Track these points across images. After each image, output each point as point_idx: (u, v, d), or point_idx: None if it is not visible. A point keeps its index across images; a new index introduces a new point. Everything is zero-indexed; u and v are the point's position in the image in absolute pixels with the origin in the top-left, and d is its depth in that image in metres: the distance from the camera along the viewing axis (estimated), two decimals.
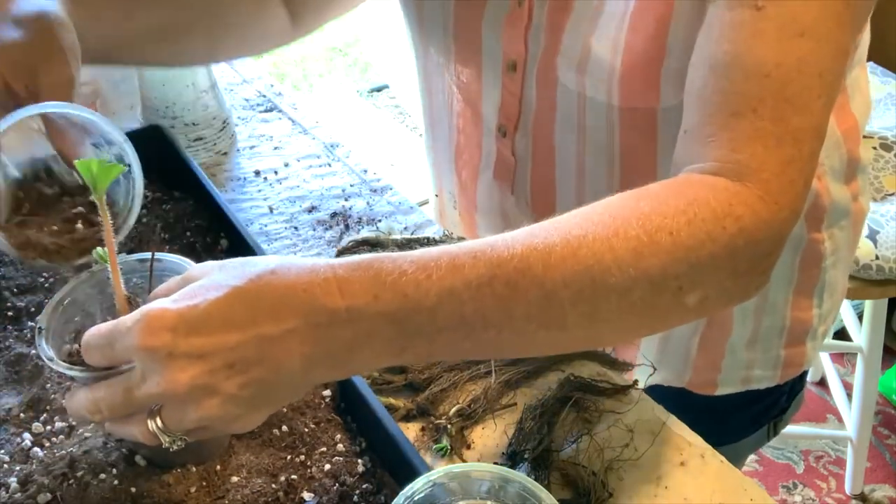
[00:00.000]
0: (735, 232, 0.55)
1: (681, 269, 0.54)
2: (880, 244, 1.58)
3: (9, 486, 0.61)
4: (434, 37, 0.85)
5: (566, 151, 0.80)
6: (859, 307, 1.94)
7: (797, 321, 0.90)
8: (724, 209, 0.55)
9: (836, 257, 0.88)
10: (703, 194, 0.56)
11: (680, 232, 0.54)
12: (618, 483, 0.66)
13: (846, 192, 0.86)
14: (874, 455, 1.99)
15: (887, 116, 1.78)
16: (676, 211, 0.54)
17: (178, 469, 0.61)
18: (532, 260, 0.52)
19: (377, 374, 0.73)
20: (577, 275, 0.52)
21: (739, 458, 1.11)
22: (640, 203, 0.55)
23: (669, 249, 0.53)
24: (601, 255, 0.52)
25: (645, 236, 0.53)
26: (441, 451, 0.67)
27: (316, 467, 0.63)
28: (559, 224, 0.54)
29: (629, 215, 0.54)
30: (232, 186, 1.02)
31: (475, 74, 0.83)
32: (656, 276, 0.53)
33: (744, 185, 0.56)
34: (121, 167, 0.56)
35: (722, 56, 0.59)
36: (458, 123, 0.91)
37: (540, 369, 0.74)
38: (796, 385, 1.00)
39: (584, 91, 0.73)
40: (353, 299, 0.49)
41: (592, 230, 0.53)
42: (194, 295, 0.49)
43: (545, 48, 0.75)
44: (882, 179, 1.70)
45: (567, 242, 0.53)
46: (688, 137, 0.61)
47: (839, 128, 0.83)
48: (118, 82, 1.13)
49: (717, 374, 0.93)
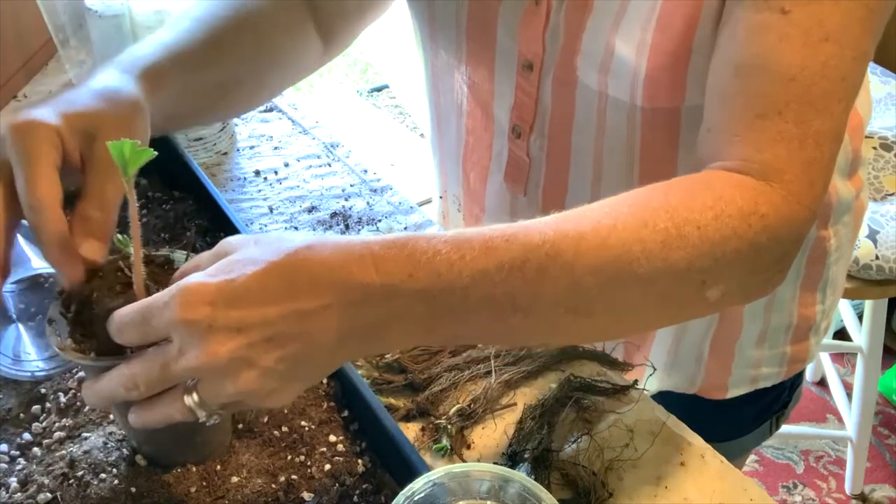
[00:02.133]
0: (759, 229, 0.56)
1: (706, 263, 0.55)
2: (880, 244, 1.58)
3: (9, 486, 0.61)
4: (445, 36, 0.84)
5: (582, 152, 0.80)
6: (859, 307, 1.94)
7: (803, 317, 0.91)
8: (750, 207, 0.56)
9: (839, 253, 0.89)
10: (730, 191, 0.57)
11: (707, 227, 0.55)
12: (618, 483, 0.66)
13: (850, 188, 0.87)
14: (874, 455, 1.99)
15: (887, 116, 1.79)
16: (704, 206, 0.56)
17: (178, 469, 0.61)
18: (563, 246, 0.53)
19: (377, 374, 0.73)
20: (605, 263, 0.53)
21: (743, 453, 1.11)
22: (669, 196, 0.57)
23: (696, 244, 0.55)
24: (630, 245, 0.54)
25: (673, 229, 0.55)
26: (441, 451, 0.67)
27: (316, 467, 0.63)
28: (590, 212, 0.56)
29: (658, 207, 0.56)
30: (232, 186, 1.02)
31: (488, 74, 0.83)
32: (682, 269, 0.55)
33: (768, 185, 0.58)
34: (151, 151, 0.55)
35: (749, 59, 0.60)
36: (467, 124, 0.90)
37: (540, 369, 0.74)
38: (796, 379, 1.01)
39: (606, 91, 0.73)
40: (388, 277, 0.50)
41: (622, 220, 0.55)
42: (231, 269, 0.50)
43: (563, 47, 0.75)
44: (882, 179, 1.70)
45: (597, 231, 0.54)
46: (711, 136, 0.63)
47: (847, 126, 0.83)
48: None
49: (727, 377, 0.93)
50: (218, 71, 0.75)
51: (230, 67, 0.76)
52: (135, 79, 0.66)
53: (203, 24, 0.74)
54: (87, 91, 0.64)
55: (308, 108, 1.18)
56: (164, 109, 0.68)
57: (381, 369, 0.74)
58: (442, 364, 0.74)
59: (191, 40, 0.72)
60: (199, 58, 0.72)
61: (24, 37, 1.23)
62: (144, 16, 1.03)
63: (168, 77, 0.69)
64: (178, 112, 0.72)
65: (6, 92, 1.19)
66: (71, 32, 1.22)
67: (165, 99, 0.68)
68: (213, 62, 0.74)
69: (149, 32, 1.01)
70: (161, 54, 0.70)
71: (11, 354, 0.72)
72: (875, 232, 1.59)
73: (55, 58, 1.28)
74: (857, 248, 1.59)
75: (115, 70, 0.67)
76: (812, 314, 0.92)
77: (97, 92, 0.64)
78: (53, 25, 1.20)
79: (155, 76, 0.68)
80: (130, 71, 0.67)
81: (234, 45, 0.75)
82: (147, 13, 1.03)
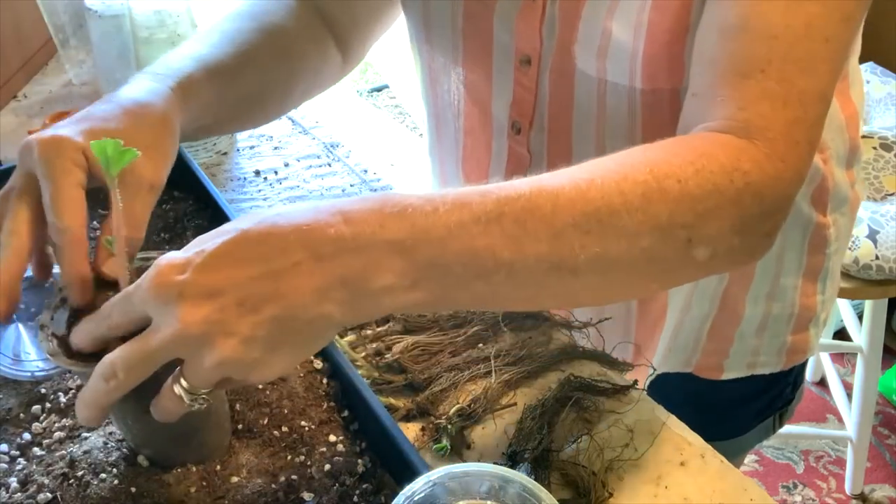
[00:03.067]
0: (742, 186, 0.56)
1: (688, 218, 0.55)
2: (880, 244, 1.58)
3: (9, 486, 0.61)
4: (441, 37, 0.84)
5: (584, 142, 0.80)
6: (859, 307, 1.94)
7: (804, 307, 0.92)
8: (731, 163, 0.56)
9: (838, 244, 0.90)
10: (712, 148, 0.57)
11: (688, 181, 0.55)
12: (618, 483, 0.66)
13: (847, 179, 0.88)
14: (874, 455, 1.99)
15: (887, 116, 1.79)
16: (685, 161, 0.55)
17: (178, 469, 0.61)
18: (541, 200, 0.52)
19: (377, 374, 0.73)
20: (586, 215, 0.53)
21: (745, 451, 1.12)
22: (648, 152, 0.57)
23: (677, 197, 0.54)
24: (610, 197, 0.53)
25: (654, 182, 0.54)
26: (441, 451, 0.67)
27: (316, 467, 0.63)
28: (567, 172, 0.55)
29: (638, 162, 0.55)
30: (232, 186, 1.02)
31: (485, 73, 0.83)
32: (664, 223, 0.54)
33: (751, 142, 0.57)
34: (135, 151, 0.55)
35: (732, 19, 0.60)
36: (464, 126, 0.90)
37: (540, 369, 0.74)
38: (798, 376, 1.01)
39: (605, 76, 0.73)
40: (358, 227, 0.50)
41: (601, 175, 0.54)
42: (203, 242, 0.50)
43: (560, 38, 0.75)
44: (882, 179, 1.70)
45: (575, 185, 0.54)
46: (696, 100, 0.62)
47: (843, 112, 0.84)
48: (118, 82, 1.12)
49: (724, 359, 0.94)
50: (246, 83, 0.77)
51: (258, 80, 0.78)
52: (169, 89, 0.68)
53: (232, 39, 0.76)
54: (115, 106, 0.65)
55: (308, 108, 1.18)
56: (195, 119, 0.70)
57: (381, 369, 0.74)
58: (442, 364, 0.74)
59: (221, 54, 0.75)
60: (230, 70, 0.74)
61: (24, 37, 1.23)
62: (144, 16, 1.03)
63: (200, 88, 0.71)
64: (207, 121, 0.74)
65: (6, 92, 1.19)
66: (71, 32, 1.23)
67: (197, 109, 0.70)
68: (242, 75, 0.76)
69: (149, 32, 1.02)
70: (195, 66, 0.72)
71: (11, 354, 0.72)
72: (875, 232, 1.59)
73: (55, 58, 1.28)
74: (858, 248, 1.59)
75: (149, 79, 0.69)
76: (813, 304, 0.92)
77: (125, 107, 0.65)
78: (53, 25, 1.20)
79: (188, 87, 0.70)
80: (165, 81, 0.69)
81: (261, 59, 0.78)
82: (147, 13, 1.03)
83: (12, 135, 1.12)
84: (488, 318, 0.78)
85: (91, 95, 1.20)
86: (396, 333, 0.77)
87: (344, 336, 0.77)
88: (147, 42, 1.03)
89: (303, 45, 0.83)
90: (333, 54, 0.87)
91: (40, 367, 0.71)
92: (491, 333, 0.77)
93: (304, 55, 0.83)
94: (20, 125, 1.15)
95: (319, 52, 0.85)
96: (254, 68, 0.77)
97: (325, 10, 0.86)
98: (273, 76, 0.80)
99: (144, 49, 1.04)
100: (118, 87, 1.16)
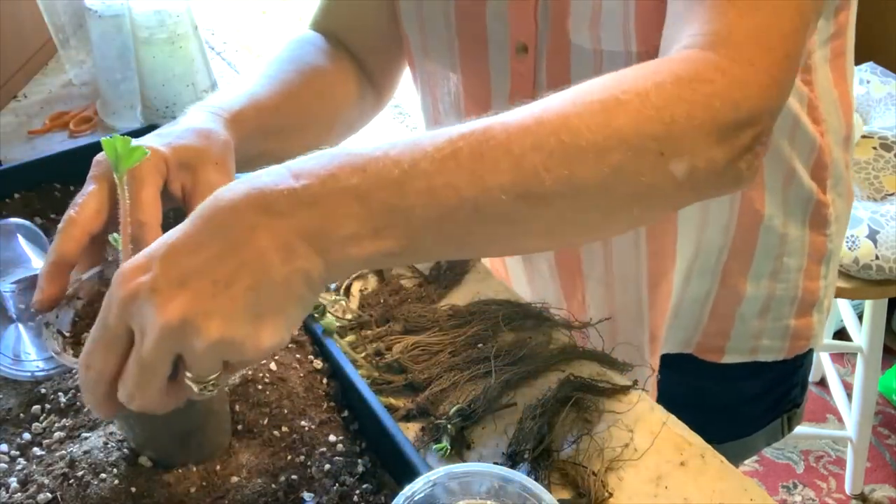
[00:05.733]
0: (708, 93, 0.53)
1: (655, 128, 0.52)
2: (880, 244, 1.58)
3: (9, 486, 0.61)
4: (436, 39, 0.85)
5: None
6: (859, 307, 1.94)
7: (808, 290, 0.92)
8: (690, 74, 0.54)
9: (837, 226, 0.90)
10: (669, 64, 0.55)
11: (648, 94, 0.53)
12: (618, 483, 0.66)
13: (843, 159, 0.88)
14: (874, 455, 2.00)
15: (887, 116, 1.78)
16: (640, 77, 0.54)
17: (178, 469, 0.61)
18: (494, 131, 0.51)
19: (377, 374, 0.73)
20: (543, 137, 0.51)
21: (753, 451, 1.11)
22: (603, 80, 0.55)
23: (639, 108, 0.52)
24: (566, 117, 0.52)
25: (610, 98, 0.52)
26: (441, 451, 0.67)
27: (316, 467, 0.63)
28: (520, 108, 0.54)
29: (592, 85, 0.54)
30: None
31: (482, 68, 0.84)
32: (631, 136, 0.52)
33: (715, 52, 0.55)
34: (144, 149, 0.57)
35: None
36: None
37: (540, 369, 0.74)
38: (805, 378, 1.01)
39: (600, 46, 0.73)
40: (309, 180, 0.49)
41: (555, 101, 0.53)
42: (161, 240, 0.50)
43: (554, 19, 0.75)
44: (882, 179, 1.70)
45: (529, 113, 0.52)
46: (668, 27, 0.61)
47: (836, 88, 0.84)
48: (118, 82, 1.13)
49: (725, 342, 0.94)
50: (288, 119, 0.82)
51: (298, 116, 0.83)
52: (224, 121, 0.73)
53: (276, 80, 0.82)
54: (187, 129, 0.69)
55: None
56: (243, 150, 0.74)
57: (381, 369, 0.74)
58: (442, 364, 0.74)
59: (266, 92, 0.80)
60: (274, 106, 0.80)
61: (24, 37, 1.23)
62: (144, 16, 1.03)
63: (248, 121, 0.76)
64: (252, 153, 0.77)
65: (6, 92, 1.19)
66: (71, 32, 1.23)
67: (246, 141, 0.74)
68: (285, 111, 0.81)
69: (149, 32, 1.02)
70: (244, 102, 0.77)
71: (11, 354, 0.72)
72: (875, 232, 1.59)
73: (55, 58, 1.28)
74: (858, 248, 1.59)
75: (207, 112, 0.73)
76: (816, 288, 0.92)
77: (197, 130, 0.70)
78: (53, 25, 1.20)
79: (240, 121, 0.74)
80: (220, 114, 0.74)
81: (302, 98, 0.83)
82: (147, 13, 1.03)
83: (12, 135, 1.12)
84: (488, 318, 0.78)
85: (91, 95, 1.20)
86: (396, 333, 0.77)
87: (344, 336, 0.77)
88: (147, 42, 1.03)
89: (336, 79, 0.89)
90: (365, 86, 0.93)
91: (40, 367, 0.71)
92: (491, 333, 0.77)
93: (338, 89, 0.89)
94: (20, 125, 1.15)
95: (351, 84, 0.91)
96: (295, 106, 0.82)
97: (348, 45, 0.92)
98: (313, 113, 0.85)
99: (144, 49, 1.04)
100: (118, 86, 1.16)
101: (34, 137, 1.12)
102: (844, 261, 1.59)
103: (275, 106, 0.80)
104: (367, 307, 0.80)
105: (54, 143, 1.11)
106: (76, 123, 1.14)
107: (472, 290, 0.83)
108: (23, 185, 0.91)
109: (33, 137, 1.12)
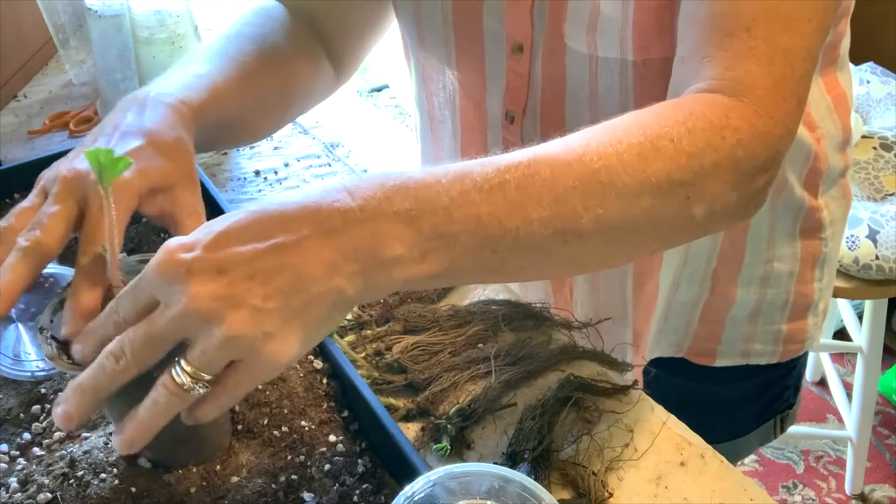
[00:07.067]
0: (734, 143, 0.57)
1: (686, 175, 0.55)
2: (880, 244, 1.58)
3: (9, 486, 0.61)
4: (433, 34, 0.85)
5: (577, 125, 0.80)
6: (859, 307, 1.94)
7: (800, 294, 0.92)
8: (721, 121, 0.57)
9: (833, 229, 0.90)
10: (700, 108, 0.58)
11: (681, 139, 0.55)
12: (618, 483, 0.66)
13: (841, 162, 0.88)
14: (874, 455, 2.00)
15: (887, 116, 1.78)
16: (675, 122, 0.56)
17: (178, 469, 0.61)
18: (540, 166, 0.53)
19: (377, 374, 0.73)
20: (585, 178, 0.54)
21: (746, 452, 1.11)
22: (639, 116, 0.57)
23: (672, 155, 0.55)
24: (607, 158, 0.54)
25: (648, 143, 0.55)
26: (441, 451, 0.67)
27: (316, 467, 0.63)
28: (561, 140, 0.56)
29: (629, 125, 0.56)
30: (232, 186, 1.02)
31: (477, 65, 0.84)
32: (663, 182, 0.55)
33: (739, 100, 0.58)
34: (128, 160, 0.56)
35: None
36: (461, 121, 0.91)
37: (540, 369, 0.74)
38: (798, 379, 1.01)
39: (596, 52, 0.74)
40: (364, 200, 0.51)
41: (595, 139, 0.55)
42: (210, 224, 0.51)
43: (550, 20, 0.75)
44: (882, 179, 1.70)
45: (571, 150, 0.55)
46: (684, 63, 0.63)
47: (829, 94, 0.85)
48: (118, 82, 1.13)
49: (716, 345, 0.94)
50: (247, 106, 0.79)
51: (257, 102, 0.80)
52: (183, 118, 0.70)
53: (237, 65, 0.78)
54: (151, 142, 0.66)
55: None
56: (202, 137, 0.72)
57: (381, 369, 0.74)
58: (442, 364, 0.74)
59: (225, 77, 0.76)
60: (232, 93, 0.76)
61: (24, 37, 1.23)
62: (144, 16, 1.03)
63: (207, 108, 0.73)
64: (211, 138, 0.76)
65: (6, 92, 1.19)
66: (71, 32, 1.23)
67: (204, 128, 0.72)
68: (244, 98, 0.77)
69: (149, 32, 1.02)
70: (204, 94, 0.73)
71: (11, 354, 0.72)
72: (875, 232, 1.59)
73: (55, 58, 1.28)
74: (858, 248, 1.59)
75: (165, 107, 0.69)
76: (810, 291, 0.92)
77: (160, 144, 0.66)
78: (53, 25, 1.20)
79: (200, 113, 0.72)
80: (180, 109, 0.70)
81: (260, 82, 0.79)
82: (147, 13, 1.03)
83: (12, 135, 1.12)
84: (488, 318, 0.78)
85: (91, 95, 1.20)
86: (396, 333, 0.77)
87: (344, 336, 0.77)
88: (147, 42, 1.03)
89: (298, 64, 0.85)
90: (326, 69, 0.89)
91: (40, 367, 0.71)
92: (491, 333, 0.77)
93: (299, 74, 0.85)
94: (20, 125, 1.14)
95: (313, 69, 0.87)
96: (255, 96, 0.79)
97: (317, 25, 0.87)
98: (271, 97, 0.82)
99: (144, 49, 1.04)
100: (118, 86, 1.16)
101: (34, 137, 1.12)
102: (844, 261, 1.59)
103: (235, 96, 0.77)
104: (366, 307, 0.80)
105: (54, 143, 1.10)
106: (76, 123, 1.13)
107: (472, 290, 0.83)
108: (23, 185, 0.90)
109: (33, 137, 1.12)
